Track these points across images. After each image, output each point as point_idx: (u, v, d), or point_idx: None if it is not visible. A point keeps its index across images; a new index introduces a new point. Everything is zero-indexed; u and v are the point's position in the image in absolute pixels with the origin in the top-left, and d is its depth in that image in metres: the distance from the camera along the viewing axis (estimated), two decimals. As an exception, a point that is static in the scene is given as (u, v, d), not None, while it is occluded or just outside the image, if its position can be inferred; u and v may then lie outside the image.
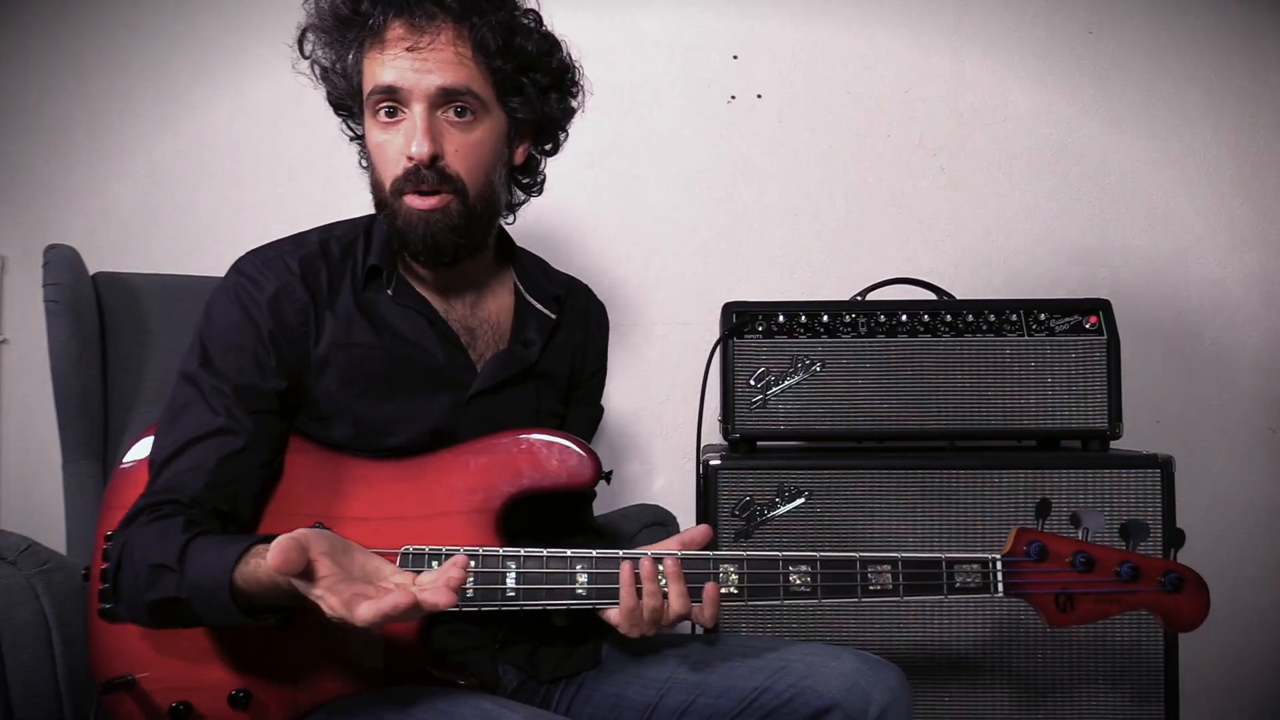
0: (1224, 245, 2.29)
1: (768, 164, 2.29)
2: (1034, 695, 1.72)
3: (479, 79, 1.32)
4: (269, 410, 1.30)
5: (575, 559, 1.26)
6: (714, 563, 1.28)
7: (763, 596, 1.29)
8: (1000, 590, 1.31)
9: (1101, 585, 1.31)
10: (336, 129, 1.46)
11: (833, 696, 1.25)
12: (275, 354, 1.31)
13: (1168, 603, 1.32)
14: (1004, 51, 2.30)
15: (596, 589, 1.26)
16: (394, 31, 1.30)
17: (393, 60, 1.29)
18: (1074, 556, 1.31)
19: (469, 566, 1.10)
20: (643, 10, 2.29)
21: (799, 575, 1.29)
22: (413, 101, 1.29)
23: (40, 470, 2.13)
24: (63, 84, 2.25)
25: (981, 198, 2.30)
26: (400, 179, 1.31)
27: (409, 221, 1.32)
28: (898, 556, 1.31)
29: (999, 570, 1.32)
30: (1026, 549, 1.32)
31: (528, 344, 1.45)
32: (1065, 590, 1.31)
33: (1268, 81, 2.29)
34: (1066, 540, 1.33)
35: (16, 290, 2.22)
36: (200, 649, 1.27)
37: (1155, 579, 1.32)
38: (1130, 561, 1.32)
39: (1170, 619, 1.34)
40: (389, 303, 1.38)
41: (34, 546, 1.42)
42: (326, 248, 1.39)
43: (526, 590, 1.25)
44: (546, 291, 1.50)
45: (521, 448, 1.33)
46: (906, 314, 1.81)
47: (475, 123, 1.32)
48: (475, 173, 1.33)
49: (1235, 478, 2.27)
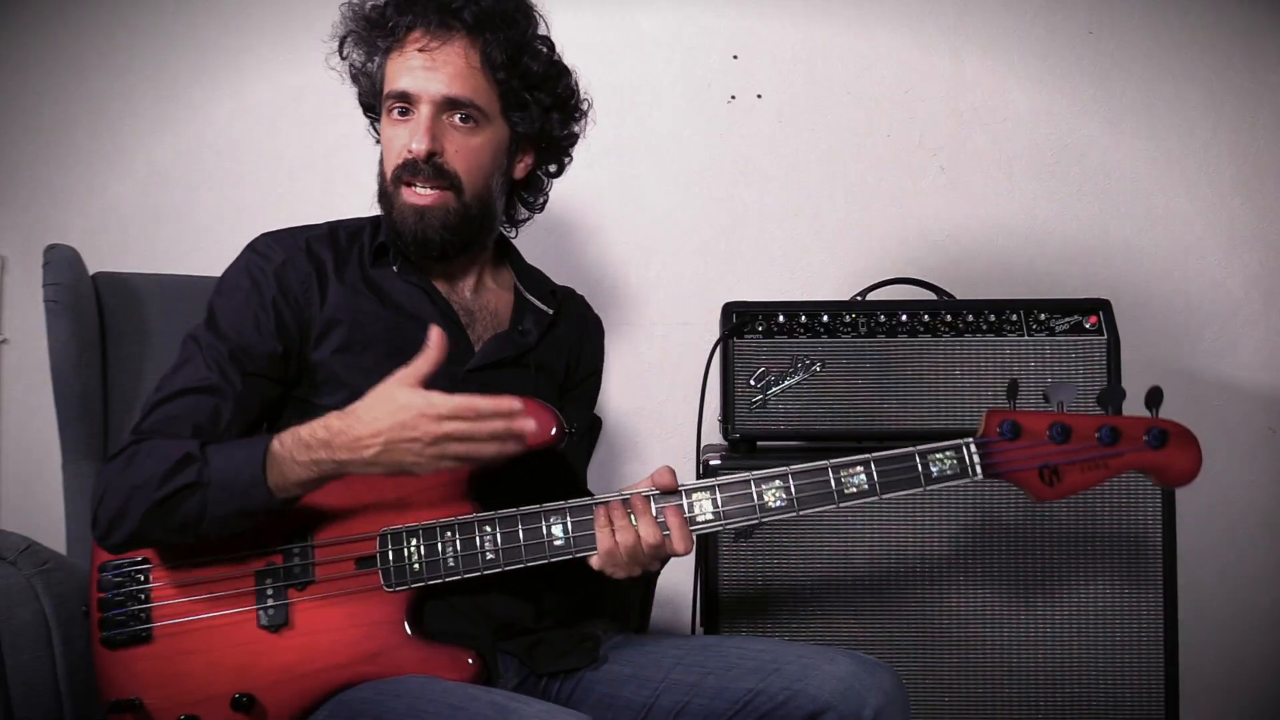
0: (1224, 245, 2.29)
1: (768, 164, 2.29)
2: (1035, 697, 1.72)
3: (484, 91, 1.43)
4: (260, 373, 1.38)
5: (549, 513, 1.31)
6: (685, 493, 1.31)
7: (739, 517, 1.32)
8: (979, 473, 1.30)
9: (1083, 453, 1.29)
10: (336, 130, 1.47)
11: (826, 699, 1.25)
12: (275, 318, 1.40)
13: (1157, 460, 1.29)
14: (1004, 51, 2.30)
15: (574, 538, 1.30)
16: (413, 39, 1.42)
17: (408, 65, 1.41)
18: (1050, 428, 1.29)
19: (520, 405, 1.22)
20: (643, 10, 2.29)
21: (773, 492, 1.31)
22: (421, 103, 1.41)
23: (40, 470, 2.12)
24: (63, 84, 2.25)
25: (981, 198, 2.29)
26: (399, 168, 1.42)
27: (403, 213, 1.43)
28: (869, 456, 1.32)
29: (974, 453, 1.31)
30: (1000, 428, 1.30)
31: (525, 332, 1.53)
32: (1047, 464, 1.29)
33: (1268, 81, 2.29)
34: (1040, 414, 1.31)
35: (16, 290, 2.22)
36: (207, 664, 1.29)
37: (1138, 438, 1.29)
38: (1108, 424, 1.29)
39: (1163, 476, 1.31)
40: (394, 278, 1.47)
41: (34, 546, 1.42)
42: (335, 233, 1.50)
43: (507, 551, 1.30)
44: (544, 288, 1.59)
45: None
46: (906, 314, 1.81)
47: (477, 129, 1.43)
48: (473, 174, 1.44)
49: (1235, 478, 2.27)
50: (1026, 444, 1.29)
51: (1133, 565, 1.72)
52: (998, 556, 1.72)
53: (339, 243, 1.48)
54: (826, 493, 1.31)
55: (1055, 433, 1.29)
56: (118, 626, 1.31)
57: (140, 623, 1.31)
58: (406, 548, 1.30)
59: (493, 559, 1.30)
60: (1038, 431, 1.30)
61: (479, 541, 1.30)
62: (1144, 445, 1.29)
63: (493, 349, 1.48)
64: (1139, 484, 1.73)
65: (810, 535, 1.73)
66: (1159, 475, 1.32)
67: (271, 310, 1.40)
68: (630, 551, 1.29)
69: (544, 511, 1.31)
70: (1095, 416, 1.30)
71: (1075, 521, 1.72)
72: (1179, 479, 1.32)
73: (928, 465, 1.31)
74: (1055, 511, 1.72)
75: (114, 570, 1.32)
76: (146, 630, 1.30)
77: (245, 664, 1.29)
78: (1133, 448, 1.29)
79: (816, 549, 1.74)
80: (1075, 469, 1.29)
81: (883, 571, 1.73)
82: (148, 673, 1.30)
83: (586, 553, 1.30)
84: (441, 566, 1.30)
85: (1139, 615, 1.71)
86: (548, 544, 1.30)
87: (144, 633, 1.30)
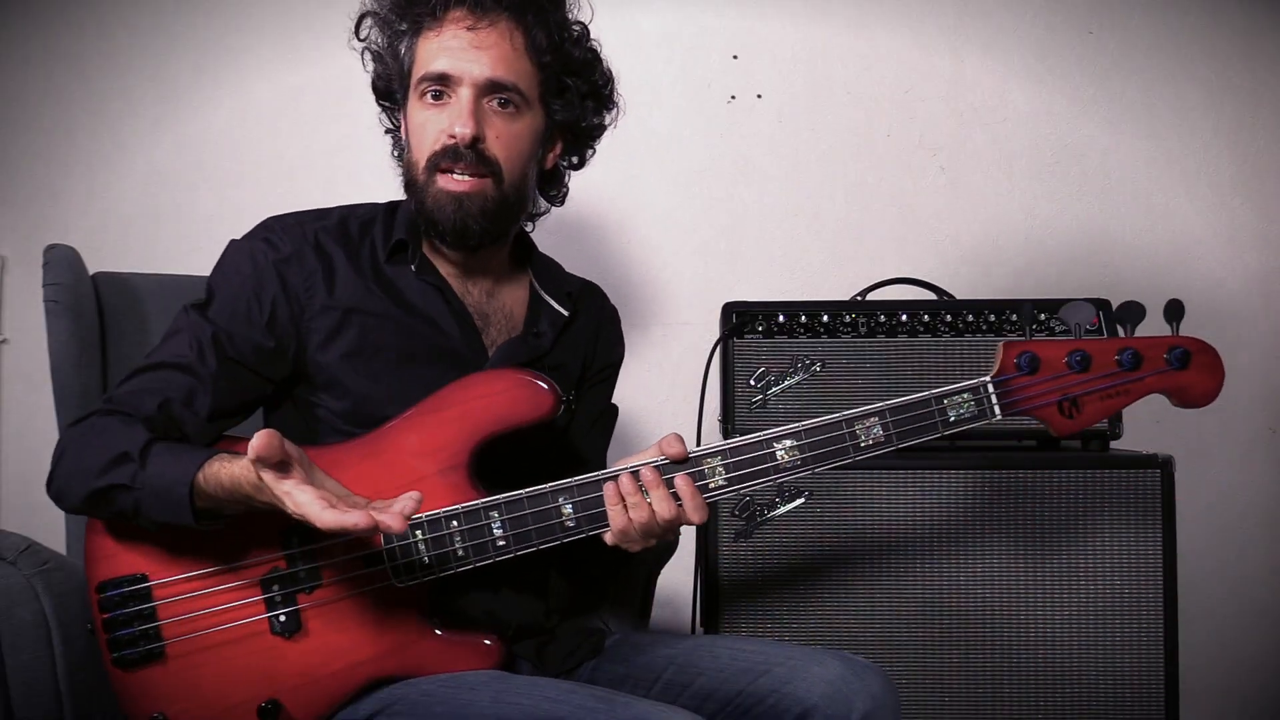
0: (1224, 245, 2.29)
1: (768, 164, 2.29)
2: (1035, 697, 1.72)
3: (527, 76, 1.37)
4: (242, 362, 1.34)
5: (556, 493, 1.28)
6: (695, 460, 1.28)
7: (751, 480, 1.28)
8: (998, 413, 1.25)
9: (1104, 380, 1.23)
10: (337, 130, 1.46)
11: (813, 702, 1.24)
12: (269, 313, 1.35)
13: (1179, 380, 1.24)
14: (1004, 51, 2.30)
15: (585, 516, 1.27)
16: (453, 17, 1.35)
17: (449, 46, 1.34)
18: (1069, 357, 1.23)
19: (420, 499, 1.13)
20: (643, 10, 2.29)
21: (785, 451, 1.28)
22: (462, 86, 1.34)
23: (40, 470, 2.10)
24: (63, 84, 2.25)
25: (981, 198, 2.30)
26: (438, 154, 1.35)
27: (439, 201, 1.36)
28: (884, 406, 1.28)
29: (991, 393, 1.26)
30: (1017, 362, 1.25)
31: (540, 335, 1.48)
32: (1067, 396, 1.23)
33: (1268, 81, 2.29)
34: (1057, 343, 1.26)
35: (16, 290, 2.22)
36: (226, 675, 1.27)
37: (1160, 358, 1.23)
38: (1130, 348, 1.23)
39: (1183, 397, 1.25)
40: (410, 277, 1.41)
41: (34, 546, 1.42)
42: (346, 224, 1.43)
43: (517, 535, 1.27)
44: (561, 289, 1.53)
45: (472, 395, 1.33)
46: (906, 314, 1.81)
47: (518, 115, 1.37)
48: (513, 160, 1.37)
49: (1235, 478, 2.27)
50: (1045, 376, 1.23)
51: (1133, 565, 1.72)
52: (998, 556, 1.72)
53: (350, 235, 1.42)
54: (842, 448, 1.27)
55: (1074, 361, 1.23)
56: (128, 646, 1.26)
57: (151, 641, 1.27)
58: (413, 541, 1.28)
59: (504, 545, 1.27)
60: (1056, 361, 1.24)
61: (488, 529, 1.27)
62: (1165, 366, 1.23)
63: (507, 354, 1.43)
64: (1139, 484, 1.73)
65: (810, 535, 1.73)
66: (1179, 396, 1.25)
67: (269, 305, 1.35)
68: (645, 528, 1.26)
69: (551, 491, 1.27)
70: (1114, 340, 1.24)
71: (1075, 521, 1.72)
72: (1201, 399, 1.26)
73: (945, 410, 1.26)
74: (1056, 512, 1.72)
75: (113, 589, 1.27)
76: (158, 648, 1.27)
77: (266, 671, 1.27)
78: (1154, 370, 1.23)
79: (816, 548, 1.74)
80: (1096, 398, 1.23)
81: (882, 572, 1.73)
82: (167, 689, 1.27)
83: (599, 530, 1.28)
84: (452, 558, 1.27)
85: (1139, 615, 1.71)
86: (559, 525, 1.27)
87: (156, 651, 1.27)
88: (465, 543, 1.27)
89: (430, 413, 1.32)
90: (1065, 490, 1.72)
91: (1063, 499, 1.72)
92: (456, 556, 1.27)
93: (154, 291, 1.79)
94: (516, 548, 1.27)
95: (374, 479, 1.29)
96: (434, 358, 1.38)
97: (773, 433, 1.29)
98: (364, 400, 1.35)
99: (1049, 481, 1.73)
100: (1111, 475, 1.73)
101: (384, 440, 1.33)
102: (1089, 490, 1.72)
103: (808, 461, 1.28)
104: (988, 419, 1.27)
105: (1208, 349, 1.25)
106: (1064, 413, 1.24)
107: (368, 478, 1.29)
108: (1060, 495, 1.72)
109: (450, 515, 1.27)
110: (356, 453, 1.32)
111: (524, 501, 1.28)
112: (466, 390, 1.33)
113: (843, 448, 1.28)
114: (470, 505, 1.28)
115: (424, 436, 1.31)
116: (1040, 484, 1.73)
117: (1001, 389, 1.25)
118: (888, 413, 1.27)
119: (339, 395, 1.37)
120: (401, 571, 1.28)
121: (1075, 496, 1.72)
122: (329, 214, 1.44)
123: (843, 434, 1.28)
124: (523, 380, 1.32)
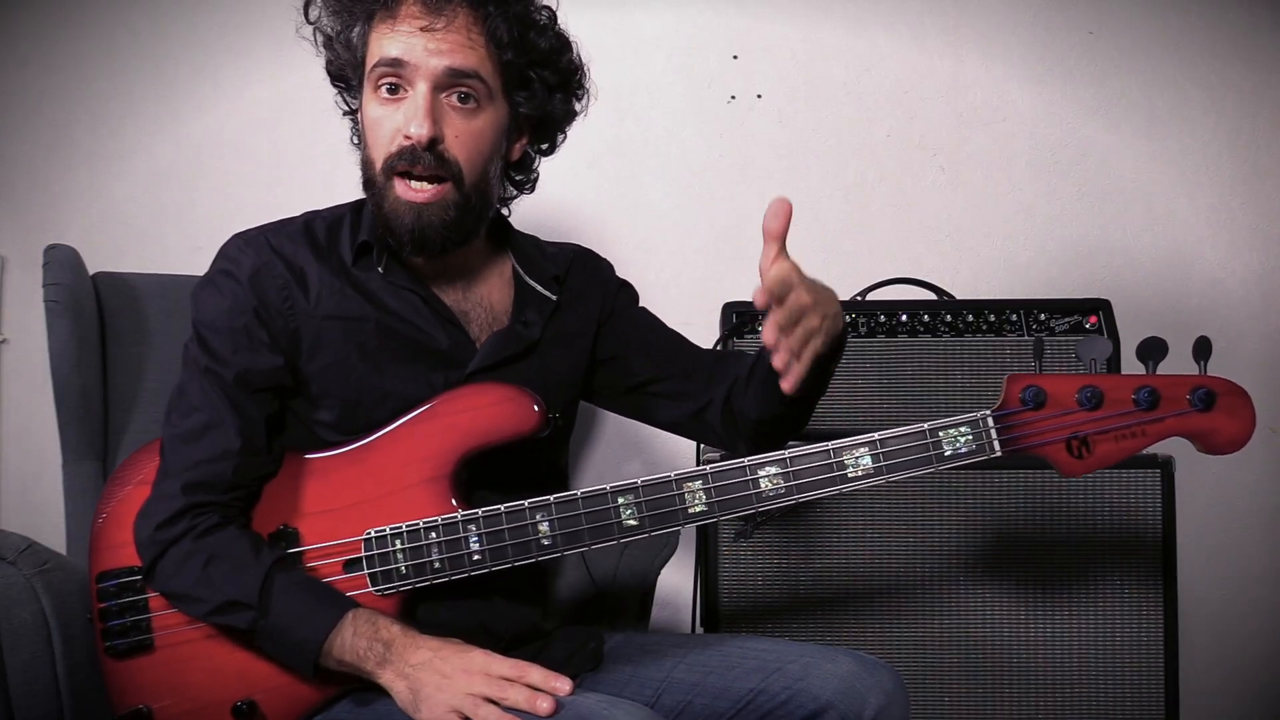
0: (1224, 245, 2.29)
1: (768, 164, 2.29)
2: (1036, 697, 1.72)
3: (488, 66, 1.30)
4: (265, 389, 1.32)
5: (533, 509, 1.26)
6: (676, 483, 1.25)
7: (734, 508, 1.24)
8: (998, 449, 1.16)
9: (1118, 420, 1.13)
10: (337, 130, 1.46)
11: (827, 698, 1.25)
12: (266, 329, 1.32)
13: (1202, 424, 1.13)
14: (1003, 51, 2.29)
15: (562, 535, 1.26)
16: (408, 7, 1.28)
17: (403, 35, 1.27)
18: (1080, 393, 1.14)
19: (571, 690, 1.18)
20: (642, 10, 2.29)
21: (769, 479, 1.24)
22: (417, 80, 1.27)
23: (40, 470, 2.13)
24: (63, 84, 2.25)
25: (981, 198, 2.29)
26: (394, 156, 1.28)
27: (396, 209, 1.30)
28: (875, 436, 1.21)
29: (991, 427, 1.17)
30: (1022, 396, 1.16)
31: (528, 324, 1.43)
32: (1076, 434, 1.13)
33: (1268, 81, 2.29)
34: (1067, 378, 1.16)
35: (16, 290, 2.22)
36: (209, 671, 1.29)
37: (1182, 399, 1.13)
38: (1148, 385, 1.13)
39: (1208, 442, 1.15)
40: (380, 280, 1.36)
41: (34, 546, 1.42)
42: (310, 227, 1.39)
43: (493, 550, 1.27)
44: (546, 273, 1.48)
45: (459, 407, 1.32)
46: (906, 314, 1.81)
47: (478, 111, 1.30)
48: (474, 161, 1.31)
49: (1235, 478, 2.27)
50: (1053, 412, 1.15)
51: (1133, 566, 1.72)
52: (998, 556, 1.72)
53: (316, 239, 1.37)
54: (829, 477, 1.23)
55: (1085, 398, 1.14)
56: (119, 636, 1.30)
57: (141, 633, 1.30)
58: (392, 550, 1.28)
59: (479, 559, 1.27)
60: (1065, 397, 1.15)
61: (465, 542, 1.27)
62: (1188, 408, 1.14)
63: (493, 348, 1.39)
64: (1139, 484, 1.73)
65: (810, 535, 1.73)
66: (1203, 441, 1.16)
67: (262, 327, 1.32)
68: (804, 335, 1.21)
69: (529, 508, 1.27)
70: (1131, 377, 1.16)
71: (1076, 522, 1.72)
72: (1228, 446, 1.16)
73: (940, 444, 1.19)
74: (1056, 512, 1.72)
75: (111, 580, 1.32)
76: (148, 640, 1.30)
77: (245, 670, 1.28)
78: (1174, 411, 1.14)
79: (816, 549, 1.74)
80: (1108, 438, 1.14)
81: (882, 572, 1.73)
82: (153, 682, 1.30)
83: (575, 549, 1.27)
84: (429, 569, 1.27)
85: (1139, 616, 1.71)
86: (535, 543, 1.26)
87: (145, 642, 1.30)
88: (442, 554, 1.27)
89: (418, 423, 1.33)
90: (1066, 490, 1.72)
91: (1063, 499, 1.72)
92: (433, 568, 1.27)
93: (154, 291, 1.80)
94: (492, 563, 1.27)
95: (360, 486, 1.30)
96: (416, 357, 1.36)
97: (755, 459, 1.25)
98: (354, 406, 1.34)
99: (1049, 481, 1.73)
100: (1111, 475, 1.73)
101: (372, 449, 1.33)
102: (1089, 490, 1.72)
103: (792, 491, 1.23)
104: (986, 455, 1.18)
105: (1236, 390, 1.16)
106: (1073, 452, 1.16)
107: (351, 486, 1.30)
108: (1061, 495, 1.72)
109: (430, 526, 1.28)
110: (342, 461, 1.33)
111: (502, 517, 1.27)
112: (454, 402, 1.33)
113: (830, 478, 1.23)
114: (449, 518, 1.27)
115: (410, 446, 1.32)
116: (1040, 483, 1.73)
117: (1003, 424, 1.17)
118: (878, 443, 1.21)
119: (329, 405, 1.35)
120: (379, 580, 1.28)
121: (1076, 496, 1.73)
122: (291, 222, 1.40)
123: (830, 464, 1.23)
124: (510, 394, 1.31)
